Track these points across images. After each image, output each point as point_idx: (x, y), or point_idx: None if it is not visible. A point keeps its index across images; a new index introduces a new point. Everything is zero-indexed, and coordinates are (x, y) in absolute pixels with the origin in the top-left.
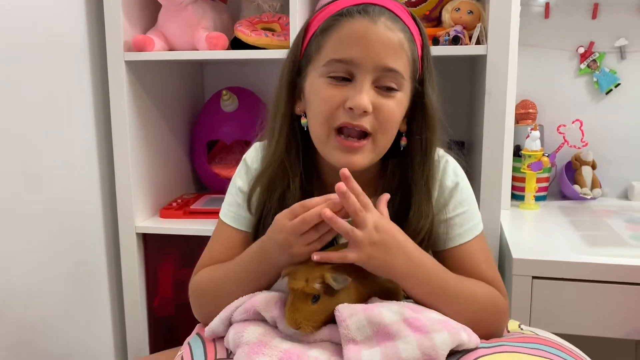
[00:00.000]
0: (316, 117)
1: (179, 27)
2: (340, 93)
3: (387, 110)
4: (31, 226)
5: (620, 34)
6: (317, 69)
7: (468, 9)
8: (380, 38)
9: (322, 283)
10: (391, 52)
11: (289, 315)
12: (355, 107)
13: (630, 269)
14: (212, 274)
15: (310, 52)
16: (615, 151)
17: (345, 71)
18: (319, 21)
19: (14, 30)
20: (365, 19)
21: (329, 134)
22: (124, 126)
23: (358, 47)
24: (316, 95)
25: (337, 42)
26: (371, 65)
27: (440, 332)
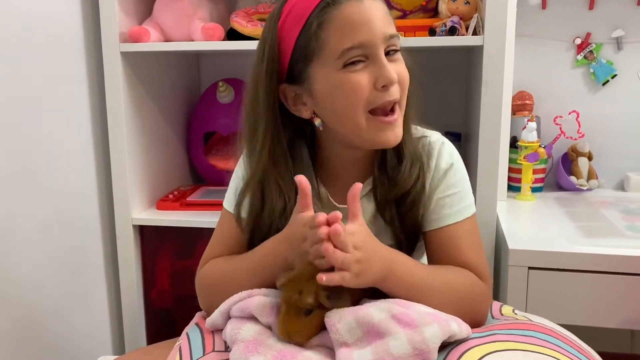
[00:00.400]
0: (349, 108)
1: (174, 18)
2: (365, 76)
3: (403, 73)
4: (27, 218)
5: (617, 25)
6: (330, 65)
7: (465, 0)
8: (375, 11)
9: (316, 298)
10: (386, 20)
11: (281, 327)
12: (389, 82)
13: (626, 259)
14: (222, 267)
15: (306, 52)
16: (612, 142)
17: (361, 54)
18: (296, 22)
19: (9, 21)
20: (351, 0)
21: (367, 118)
22: (120, 118)
23: (362, 29)
24: (342, 88)
25: (340, 32)
26: (380, 39)
27: (429, 325)
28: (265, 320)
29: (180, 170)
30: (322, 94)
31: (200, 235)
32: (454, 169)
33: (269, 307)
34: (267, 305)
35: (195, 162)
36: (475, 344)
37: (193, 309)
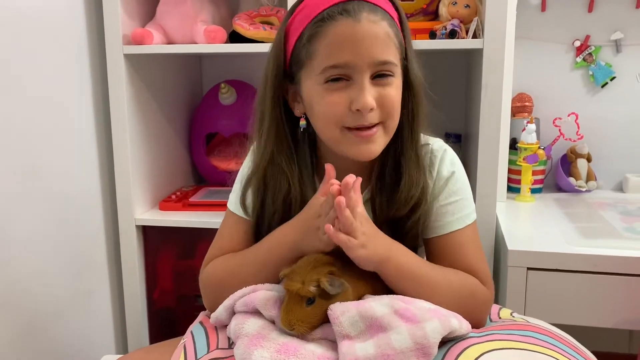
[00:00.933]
0: (325, 121)
1: (177, 21)
2: (343, 96)
3: (389, 99)
4: (31, 218)
5: (616, 28)
6: (313, 77)
7: (465, 3)
8: (367, 35)
9: (318, 286)
10: (380, 45)
11: (283, 316)
12: (362, 108)
13: (624, 260)
14: (227, 264)
15: (299, 58)
16: (611, 144)
17: (342, 74)
18: (300, 24)
19: (13, 24)
20: (348, 19)
21: (342, 132)
22: (123, 119)
23: (349, 50)
24: (320, 102)
25: (327, 48)
26: (366, 64)
27: (430, 320)
28: (269, 314)
29: (183, 171)
30: (307, 100)
31: (202, 236)
32: (456, 177)
33: (272, 301)
34: (271, 299)
35: (197, 163)
36: (474, 342)
37: (195, 309)
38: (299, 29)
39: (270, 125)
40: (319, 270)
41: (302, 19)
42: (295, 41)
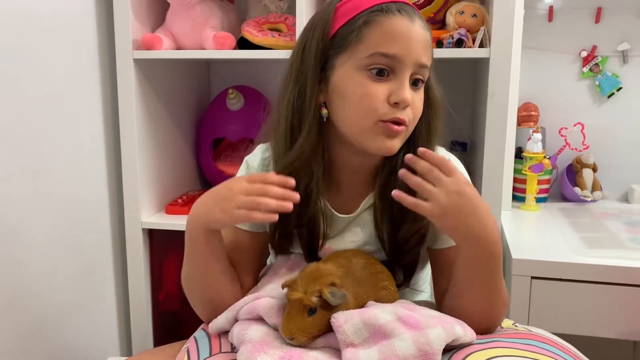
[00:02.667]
0: (358, 109)
1: (186, 26)
2: (383, 88)
3: (418, 104)
4: (40, 220)
5: (623, 38)
6: (356, 61)
7: (472, 12)
8: (419, 36)
9: (320, 297)
10: (426, 50)
11: (284, 325)
12: (401, 101)
13: (629, 271)
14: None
15: (343, 41)
16: (616, 154)
17: (388, 65)
18: (351, 11)
19: (25, 28)
20: (405, 17)
21: (374, 123)
22: (132, 123)
23: (402, 44)
24: (357, 88)
25: (381, 36)
26: (411, 62)
27: (434, 327)
28: (273, 321)
29: (189, 175)
30: (337, 86)
31: None
32: None
33: (276, 309)
34: (275, 306)
35: (203, 167)
36: (477, 349)
37: None
38: (349, 14)
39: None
40: (321, 281)
41: (354, 7)
42: (343, 25)
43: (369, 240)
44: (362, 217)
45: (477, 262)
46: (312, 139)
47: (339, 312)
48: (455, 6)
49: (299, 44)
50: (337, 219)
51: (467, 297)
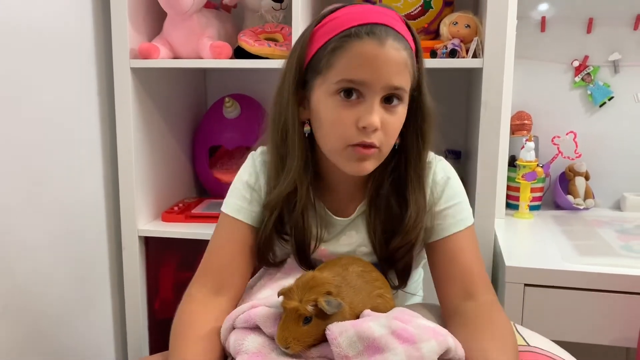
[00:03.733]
0: (329, 134)
1: (183, 36)
2: (352, 113)
3: (392, 126)
4: (37, 227)
5: (614, 49)
6: (327, 86)
7: (465, 23)
8: (389, 60)
9: (315, 306)
10: (397, 72)
11: (280, 334)
12: (368, 126)
13: (620, 278)
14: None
15: (317, 66)
16: (608, 163)
17: (356, 89)
18: (324, 35)
19: (23, 38)
20: (374, 41)
21: (345, 148)
22: (129, 131)
23: (369, 69)
24: (328, 113)
25: (348, 62)
26: (380, 86)
27: (427, 341)
28: (269, 330)
29: (186, 182)
30: (315, 108)
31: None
32: (451, 182)
33: (272, 318)
34: (271, 315)
35: (200, 175)
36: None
37: None
38: (323, 38)
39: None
40: (317, 290)
41: (329, 30)
42: (318, 49)
43: (364, 242)
44: (357, 221)
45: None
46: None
47: (334, 323)
48: (449, 17)
49: (284, 64)
50: (334, 222)
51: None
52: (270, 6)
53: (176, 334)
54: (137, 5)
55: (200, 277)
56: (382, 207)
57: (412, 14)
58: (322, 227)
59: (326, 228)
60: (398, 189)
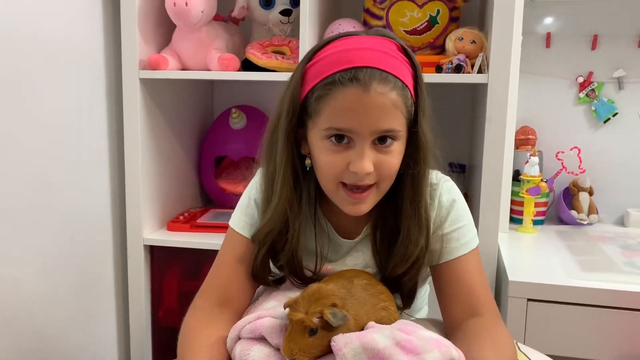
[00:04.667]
0: (323, 174)
1: (192, 47)
2: (343, 157)
3: (387, 165)
4: (42, 235)
5: (619, 65)
6: (318, 131)
7: (471, 39)
8: (374, 106)
9: (321, 317)
10: (385, 115)
11: (285, 345)
12: (358, 171)
13: (623, 295)
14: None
15: (308, 110)
16: (612, 178)
17: (346, 135)
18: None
19: (34, 48)
20: (357, 87)
21: (337, 187)
22: (136, 140)
23: (354, 117)
24: (321, 157)
25: (333, 111)
26: (368, 131)
27: (431, 351)
28: (275, 341)
29: (191, 192)
30: (311, 147)
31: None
32: (457, 205)
33: (278, 329)
34: (277, 327)
35: (205, 185)
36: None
37: None
38: (311, 82)
39: (281, 168)
40: (322, 302)
41: (316, 74)
42: (307, 92)
43: (370, 264)
44: (363, 242)
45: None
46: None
47: (339, 335)
48: (455, 32)
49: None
50: (340, 243)
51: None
52: (278, 20)
53: (184, 343)
54: (147, 16)
55: (206, 290)
56: (386, 229)
57: (418, 29)
58: (327, 248)
59: (332, 249)
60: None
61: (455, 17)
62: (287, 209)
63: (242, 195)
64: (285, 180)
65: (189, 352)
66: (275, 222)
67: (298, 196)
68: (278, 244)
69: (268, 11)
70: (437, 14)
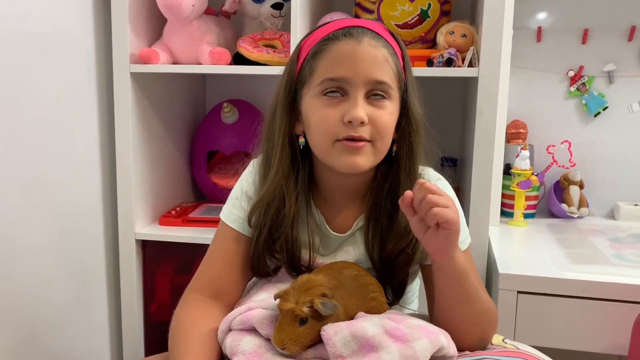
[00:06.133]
0: (317, 133)
1: (183, 41)
2: (337, 109)
3: (381, 119)
4: (36, 230)
5: (609, 59)
6: (313, 90)
7: (462, 33)
8: (366, 55)
9: (311, 307)
10: (377, 66)
11: (276, 335)
12: (353, 119)
13: (612, 286)
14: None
15: (304, 75)
16: (603, 172)
17: (339, 88)
18: (309, 46)
19: (25, 41)
20: (351, 40)
21: (332, 144)
22: (127, 135)
23: (348, 66)
24: (315, 113)
25: (328, 63)
26: (361, 80)
27: (420, 339)
28: (265, 332)
29: (183, 187)
30: (305, 115)
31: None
32: None
33: (268, 320)
34: (267, 317)
35: (197, 179)
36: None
37: None
38: (307, 49)
39: (283, 147)
40: (312, 292)
41: (312, 41)
42: (303, 60)
43: (361, 259)
44: (354, 236)
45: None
46: (282, 169)
47: (329, 324)
48: (446, 26)
49: (279, 81)
50: (332, 238)
51: (454, 316)
52: (269, 13)
53: (175, 335)
54: (138, 10)
55: (197, 283)
56: (380, 219)
57: (409, 22)
58: (319, 241)
59: (324, 243)
60: (394, 201)
61: (447, 11)
62: (282, 183)
63: (234, 188)
64: (283, 154)
65: (181, 345)
66: (272, 196)
67: (295, 172)
68: (275, 226)
69: (259, 5)
70: (429, 8)
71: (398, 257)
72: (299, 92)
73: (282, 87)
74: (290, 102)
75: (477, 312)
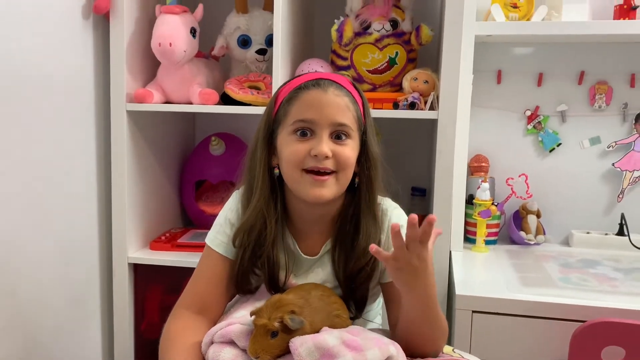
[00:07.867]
0: (288, 163)
1: (176, 82)
2: (306, 145)
3: (343, 154)
4: (35, 254)
5: (562, 100)
6: (286, 129)
7: (424, 79)
8: (330, 102)
9: (281, 322)
10: (340, 111)
11: (251, 346)
12: (319, 154)
13: (556, 307)
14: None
15: (279, 116)
16: (558, 202)
17: (308, 128)
18: (284, 92)
19: (29, 79)
20: (319, 89)
21: (301, 174)
22: (122, 166)
23: (315, 110)
24: (287, 148)
25: (299, 108)
26: (326, 123)
27: (372, 349)
28: (242, 344)
29: (173, 214)
30: (280, 150)
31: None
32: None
33: (246, 333)
34: (244, 331)
35: (186, 207)
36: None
37: None
38: (283, 95)
39: (263, 177)
40: (283, 309)
41: (287, 89)
42: (280, 104)
43: (328, 279)
44: (323, 259)
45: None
46: (263, 196)
47: (296, 337)
48: (411, 73)
49: (260, 120)
50: (303, 260)
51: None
52: (254, 58)
53: (165, 346)
54: (134, 54)
55: (185, 300)
56: (345, 242)
57: (379, 69)
58: (293, 263)
59: (296, 265)
60: (356, 226)
61: (412, 58)
62: (264, 208)
63: (218, 215)
64: (264, 183)
65: (169, 354)
66: (255, 219)
67: (274, 199)
68: (258, 245)
69: (245, 50)
70: (396, 56)
71: (359, 273)
72: (275, 130)
73: (262, 125)
74: (268, 139)
75: (437, 328)
